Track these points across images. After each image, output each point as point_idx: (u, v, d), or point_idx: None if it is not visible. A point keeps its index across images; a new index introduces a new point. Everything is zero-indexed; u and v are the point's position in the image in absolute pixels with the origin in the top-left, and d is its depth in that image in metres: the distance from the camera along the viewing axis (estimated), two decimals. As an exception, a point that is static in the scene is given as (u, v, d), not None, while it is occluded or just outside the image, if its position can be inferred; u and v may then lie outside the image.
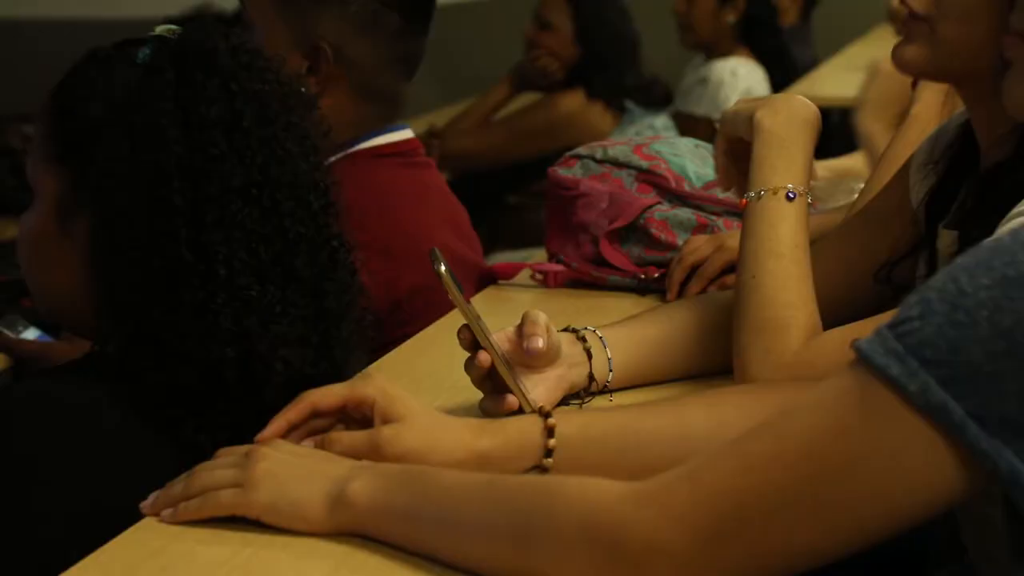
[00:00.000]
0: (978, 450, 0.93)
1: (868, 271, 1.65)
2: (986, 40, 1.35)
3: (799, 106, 1.61)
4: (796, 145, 1.57)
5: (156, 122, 1.44)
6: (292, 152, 1.50)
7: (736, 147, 1.66)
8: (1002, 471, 0.93)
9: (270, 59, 1.55)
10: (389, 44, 2.21)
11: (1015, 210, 1.36)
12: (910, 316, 0.96)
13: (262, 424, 1.38)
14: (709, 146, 2.16)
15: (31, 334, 2.24)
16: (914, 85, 2.13)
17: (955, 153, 1.62)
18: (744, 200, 1.58)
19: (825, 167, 2.70)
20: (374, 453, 1.31)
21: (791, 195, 1.54)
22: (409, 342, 1.87)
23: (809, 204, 1.60)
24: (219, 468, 1.28)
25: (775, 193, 1.54)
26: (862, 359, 0.97)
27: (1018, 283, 0.92)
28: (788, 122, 1.59)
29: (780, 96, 1.65)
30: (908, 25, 1.51)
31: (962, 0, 1.45)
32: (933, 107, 2.10)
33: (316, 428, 1.37)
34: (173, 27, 1.52)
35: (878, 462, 0.97)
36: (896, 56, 1.53)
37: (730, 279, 1.86)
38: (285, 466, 1.26)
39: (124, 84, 1.48)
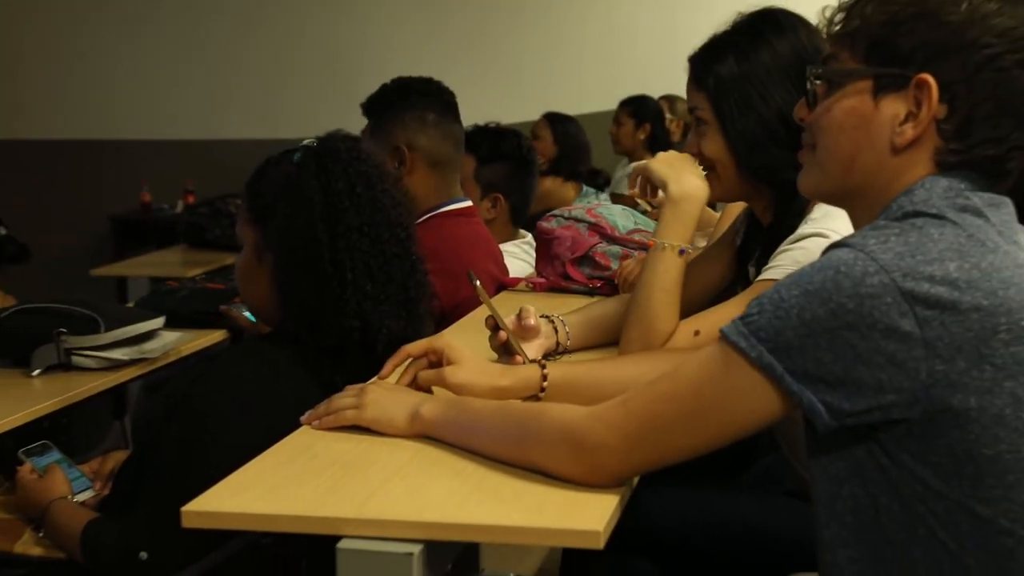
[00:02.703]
0: (791, 391, 0.93)
1: (701, 288, 1.61)
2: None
3: (695, 189, 1.48)
4: (690, 216, 1.47)
5: (306, 195, 1.46)
6: (386, 205, 1.50)
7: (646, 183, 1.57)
8: (804, 403, 0.93)
9: (370, 153, 1.55)
10: (436, 131, 2.18)
11: (788, 245, 1.39)
12: (752, 312, 0.96)
13: (372, 371, 1.37)
14: (631, 210, 2.15)
15: (249, 315, 2.22)
16: None
17: (748, 225, 1.61)
18: (652, 241, 1.50)
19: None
20: (441, 381, 1.29)
21: (682, 251, 1.46)
22: (457, 323, 1.86)
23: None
24: (346, 397, 1.27)
25: (673, 248, 1.46)
26: (724, 337, 0.97)
27: (814, 295, 0.92)
28: (688, 198, 1.47)
29: (686, 176, 1.47)
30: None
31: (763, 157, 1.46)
32: None
33: (411, 374, 1.34)
34: (313, 140, 1.52)
35: (733, 397, 0.97)
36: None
37: None
38: (383, 396, 1.26)
39: (287, 175, 1.49)
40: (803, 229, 1.40)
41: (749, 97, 1.41)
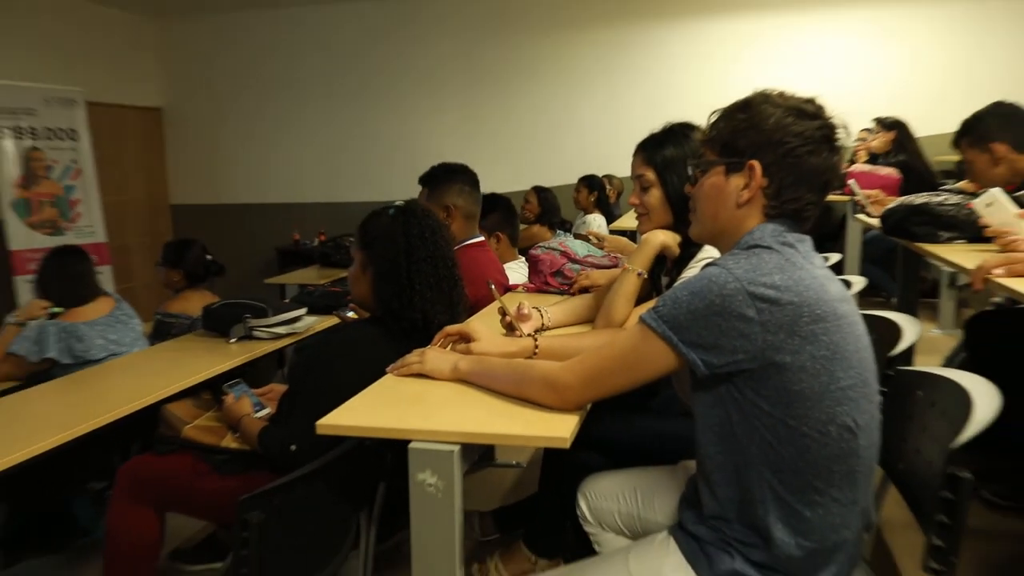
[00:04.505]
0: (681, 352, 0.93)
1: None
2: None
3: (652, 237, 1.42)
4: (647, 254, 1.41)
5: (394, 236, 1.44)
6: (440, 244, 1.48)
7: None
8: (690, 360, 0.93)
9: (430, 209, 1.52)
10: (470, 197, 2.11)
11: (688, 267, 1.36)
12: (658, 305, 0.96)
13: (428, 342, 1.35)
14: (586, 243, 2.11)
15: (351, 315, 2.17)
16: None
17: (659, 253, 1.56)
18: (625, 266, 1.43)
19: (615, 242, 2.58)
20: (470, 352, 1.27)
21: (640, 274, 1.42)
22: (478, 314, 1.83)
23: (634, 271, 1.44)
24: (412, 356, 1.25)
25: (634, 272, 1.41)
26: (642, 320, 0.96)
27: (696, 294, 0.91)
28: (647, 242, 1.42)
29: (655, 233, 1.42)
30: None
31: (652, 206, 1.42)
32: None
33: (449, 341, 1.34)
34: (402, 202, 1.51)
35: (647, 355, 0.96)
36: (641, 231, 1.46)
37: (592, 288, 1.78)
38: (436, 356, 1.24)
39: (384, 223, 1.48)
40: (700, 256, 1.36)
41: (681, 170, 1.38)
